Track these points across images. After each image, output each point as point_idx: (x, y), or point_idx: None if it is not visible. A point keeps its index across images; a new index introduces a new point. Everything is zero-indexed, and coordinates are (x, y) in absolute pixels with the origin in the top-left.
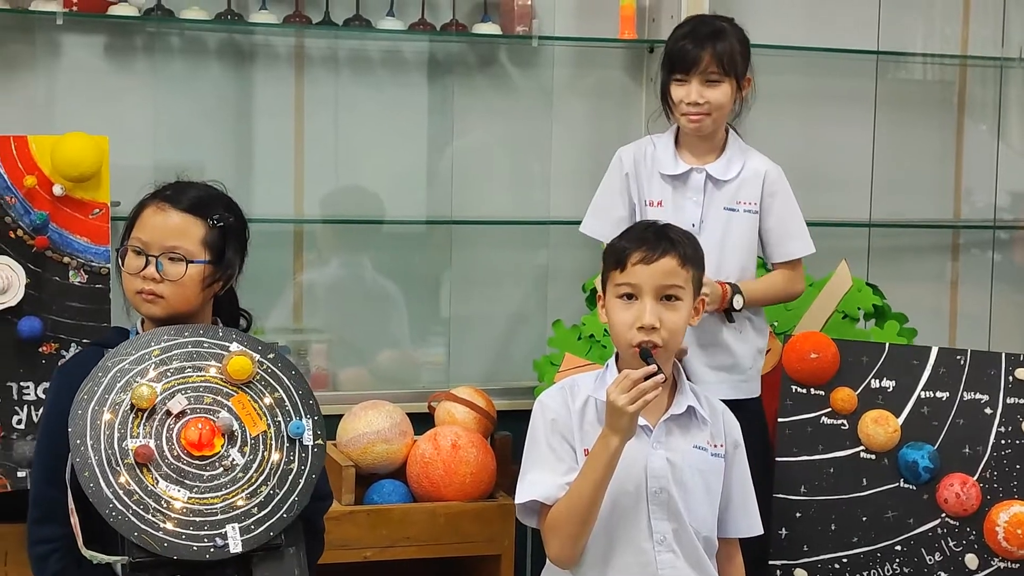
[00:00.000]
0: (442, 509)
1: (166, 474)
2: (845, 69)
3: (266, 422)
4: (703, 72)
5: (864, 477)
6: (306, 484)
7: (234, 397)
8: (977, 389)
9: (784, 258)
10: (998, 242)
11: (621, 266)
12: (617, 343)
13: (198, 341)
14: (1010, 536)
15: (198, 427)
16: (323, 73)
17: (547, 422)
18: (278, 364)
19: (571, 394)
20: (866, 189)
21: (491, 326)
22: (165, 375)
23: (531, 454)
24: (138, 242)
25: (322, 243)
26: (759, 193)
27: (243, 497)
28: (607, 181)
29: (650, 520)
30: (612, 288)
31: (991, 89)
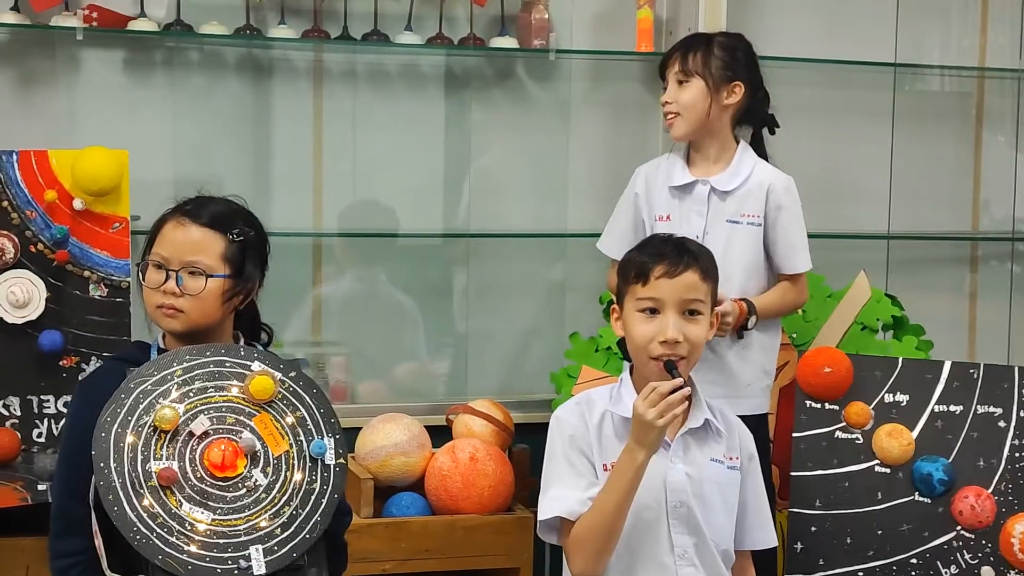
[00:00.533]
0: (460, 522)
1: (189, 496)
2: (863, 81)
3: (288, 442)
4: (674, 73)
5: (879, 491)
6: (328, 504)
7: (256, 417)
8: (991, 402)
9: (792, 271)
10: (1017, 254)
11: (644, 280)
12: (637, 357)
13: (220, 360)
14: None
15: (221, 448)
16: (341, 87)
17: (565, 438)
18: (300, 383)
19: (588, 409)
20: (884, 201)
21: (508, 339)
22: (188, 396)
23: (551, 470)
24: (158, 257)
25: (340, 256)
26: (763, 206)
27: (266, 518)
28: (622, 199)
29: (671, 534)
30: (633, 302)
31: (1009, 100)
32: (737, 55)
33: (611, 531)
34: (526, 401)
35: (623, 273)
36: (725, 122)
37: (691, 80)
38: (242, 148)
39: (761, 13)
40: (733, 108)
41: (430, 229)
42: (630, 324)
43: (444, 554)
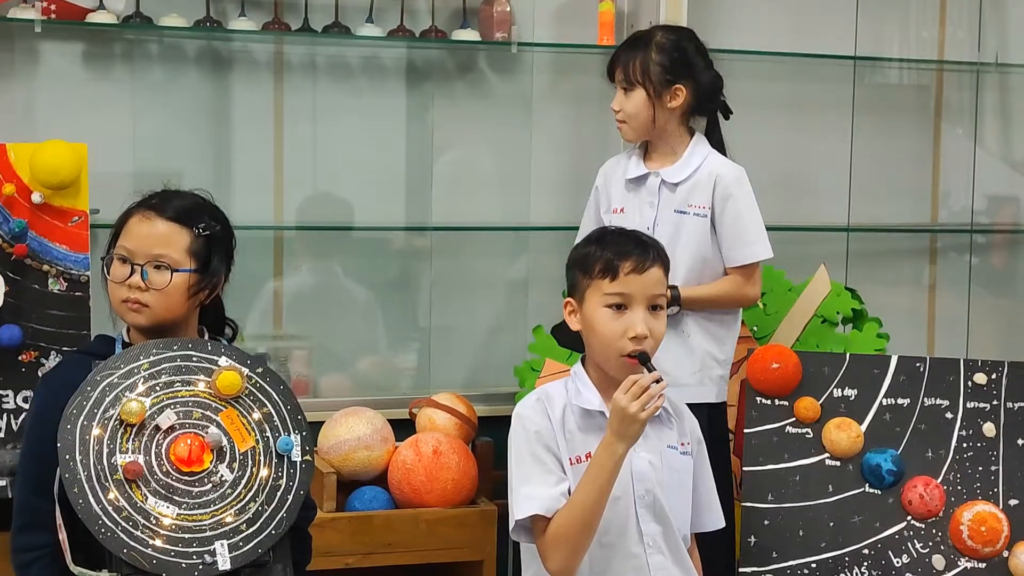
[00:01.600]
0: (424, 515)
1: (155, 490)
2: (824, 74)
3: (255, 437)
4: (618, 81)
5: (830, 483)
6: (294, 501)
7: (223, 412)
8: (937, 395)
9: (735, 263)
10: (975, 246)
11: (612, 275)
12: (603, 352)
13: (187, 355)
14: (975, 534)
15: (187, 443)
16: (302, 80)
17: (530, 434)
18: (267, 379)
19: (548, 404)
20: (844, 194)
21: (472, 332)
22: (154, 389)
23: (519, 469)
24: (123, 250)
25: (302, 250)
26: (710, 196)
27: (232, 513)
28: (591, 196)
29: (639, 523)
30: (599, 297)
31: (967, 93)
32: (676, 56)
33: (590, 525)
34: (489, 394)
35: (583, 267)
36: (674, 121)
37: (634, 89)
38: (202, 141)
39: (722, 6)
40: (679, 109)
41: (392, 222)
42: (595, 319)
43: (408, 548)
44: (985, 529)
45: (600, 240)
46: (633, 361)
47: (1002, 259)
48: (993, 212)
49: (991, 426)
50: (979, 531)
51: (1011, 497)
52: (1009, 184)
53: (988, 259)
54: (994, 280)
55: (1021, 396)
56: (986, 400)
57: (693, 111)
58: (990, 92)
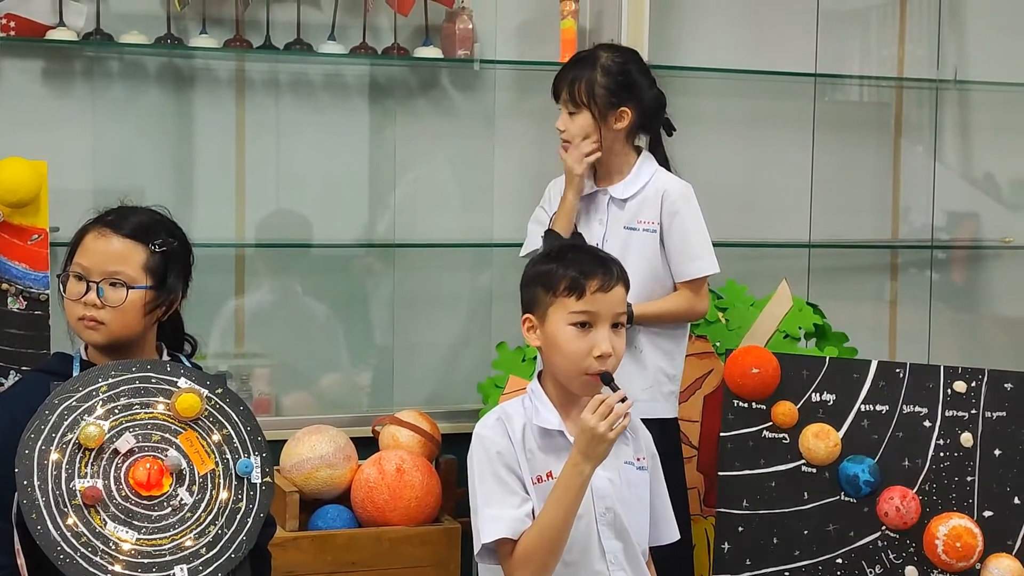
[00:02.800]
0: (387, 534)
1: (114, 515)
2: (784, 91)
3: (214, 460)
4: (563, 102)
5: (805, 491)
6: (254, 524)
7: (182, 434)
8: (916, 402)
9: (683, 278)
10: (935, 262)
11: (579, 293)
12: (567, 370)
13: (146, 376)
14: (949, 549)
15: (146, 467)
16: (264, 97)
17: (491, 455)
18: (226, 400)
19: (508, 423)
20: (805, 210)
21: (435, 349)
22: (113, 412)
23: (482, 490)
24: (79, 268)
25: (264, 267)
26: (658, 212)
27: (191, 537)
28: (536, 212)
29: (600, 541)
30: (564, 315)
31: (927, 110)
32: (620, 79)
33: (558, 545)
34: (453, 411)
35: (545, 284)
36: (619, 141)
37: (580, 111)
38: (163, 158)
39: (683, 24)
40: (624, 129)
41: (355, 239)
42: (559, 337)
43: (371, 566)
44: (960, 545)
45: (561, 257)
46: (595, 379)
47: (962, 274)
48: (953, 228)
49: (968, 436)
50: (954, 547)
51: (986, 509)
52: (968, 200)
53: (948, 274)
54: (954, 295)
55: (999, 406)
56: (964, 409)
57: (637, 130)
58: (949, 109)
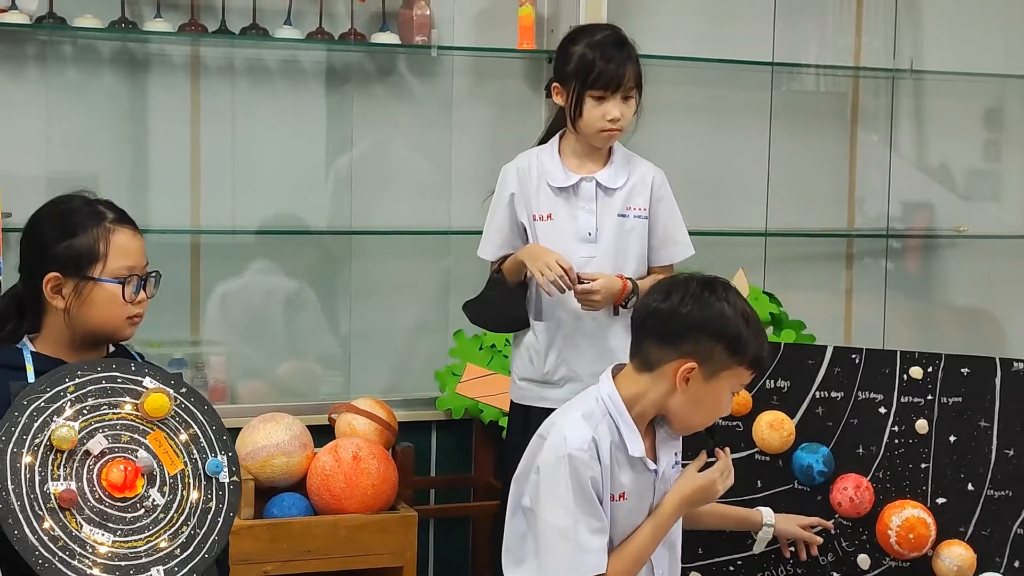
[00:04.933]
0: (343, 522)
1: (89, 517)
2: (741, 80)
3: (183, 460)
4: (624, 89)
5: (759, 479)
6: (225, 523)
7: (151, 435)
8: (871, 388)
9: (668, 261)
10: (891, 251)
11: (757, 367)
12: (701, 424)
13: (112, 376)
14: (902, 540)
15: (121, 468)
16: (219, 82)
17: (584, 481)
18: (191, 399)
19: (599, 447)
20: (762, 198)
21: (392, 337)
22: (82, 413)
23: (570, 513)
24: (126, 269)
25: (220, 254)
26: (648, 199)
27: (166, 539)
28: (495, 202)
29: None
30: (734, 384)
31: (883, 99)
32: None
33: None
34: (410, 399)
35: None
36: None
37: (636, 96)
38: (118, 144)
39: (641, 12)
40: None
41: (312, 226)
42: (723, 400)
43: (327, 554)
44: (913, 536)
45: (748, 321)
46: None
47: (917, 263)
48: (908, 218)
49: (924, 423)
50: (907, 538)
51: (939, 496)
52: (924, 190)
53: (903, 263)
54: (909, 284)
55: (956, 391)
56: (920, 395)
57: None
58: (905, 99)
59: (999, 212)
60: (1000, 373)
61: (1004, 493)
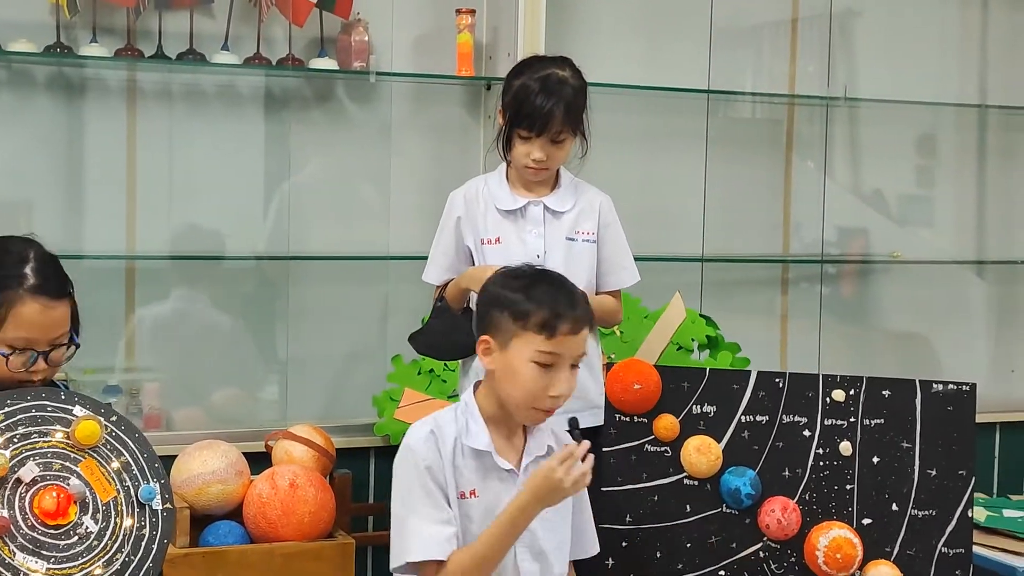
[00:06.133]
0: (280, 549)
1: (22, 545)
2: (678, 107)
3: (115, 487)
4: (551, 133)
5: (688, 503)
6: (159, 550)
7: (82, 463)
8: (796, 412)
9: (615, 286)
10: (825, 276)
11: (549, 333)
12: (519, 401)
13: (41, 405)
14: (830, 561)
15: (53, 495)
16: (156, 107)
17: (420, 470)
18: (121, 427)
19: (440, 438)
20: (699, 224)
21: (329, 362)
22: (12, 441)
23: (407, 504)
24: (22, 341)
25: (155, 279)
26: (596, 223)
27: (100, 566)
28: (441, 227)
29: (516, 562)
30: (529, 351)
31: (818, 126)
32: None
33: (488, 574)
34: (348, 425)
35: (514, 313)
36: None
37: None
38: (53, 169)
39: (578, 39)
40: None
41: (249, 251)
42: (520, 371)
43: None
44: (840, 556)
45: (533, 287)
46: (548, 415)
47: (852, 288)
48: (844, 243)
49: (848, 444)
50: (835, 558)
51: (864, 516)
52: (858, 216)
53: (838, 288)
54: (844, 309)
55: (878, 413)
56: (843, 417)
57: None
58: (839, 125)
59: (932, 238)
60: (920, 395)
61: (928, 513)
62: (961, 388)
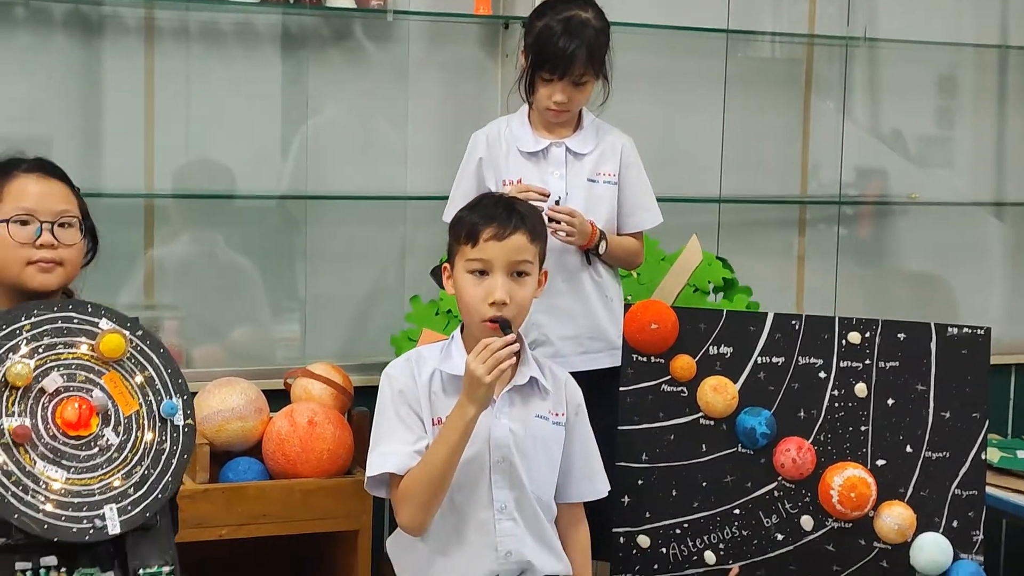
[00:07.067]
0: (298, 486)
1: (43, 454)
2: (696, 47)
3: (138, 401)
4: (572, 75)
5: (703, 443)
6: (179, 465)
7: (106, 375)
8: (811, 354)
9: (636, 228)
10: (843, 217)
11: (472, 241)
12: (468, 317)
13: (68, 316)
14: (844, 499)
15: (75, 406)
16: (173, 45)
17: (395, 393)
18: (147, 342)
19: (417, 366)
20: (716, 165)
21: (348, 302)
22: (37, 351)
23: (380, 426)
24: (21, 211)
25: (174, 218)
26: (618, 165)
27: (119, 478)
28: (463, 168)
29: (491, 489)
30: (462, 263)
31: (837, 67)
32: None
33: (439, 484)
34: (366, 364)
35: (454, 232)
36: None
37: (591, 81)
38: (70, 107)
39: None
40: None
41: (267, 191)
42: (460, 285)
43: (282, 518)
44: (855, 495)
45: (472, 206)
46: (494, 326)
47: (868, 230)
48: (861, 184)
49: (863, 386)
50: (849, 497)
51: (879, 458)
52: (877, 157)
53: (855, 230)
54: (861, 250)
55: (893, 355)
56: (859, 360)
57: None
58: (859, 66)
59: (951, 179)
60: (935, 338)
61: (941, 455)
62: (976, 332)
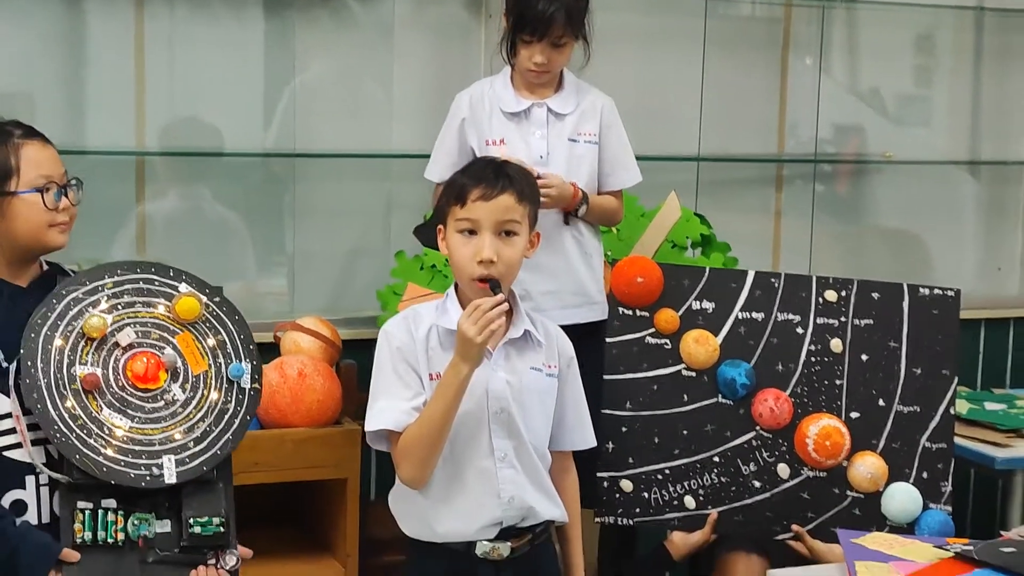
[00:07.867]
0: (289, 436)
1: (110, 402)
2: (676, 7)
3: (208, 362)
4: (552, 37)
5: (685, 393)
6: (240, 424)
7: (179, 335)
8: (789, 310)
9: (616, 187)
10: (819, 174)
11: (461, 202)
12: (458, 275)
13: (149, 279)
14: (819, 448)
15: (144, 360)
16: (162, 5)
17: (393, 350)
18: (223, 308)
19: (415, 322)
20: (695, 124)
21: (334, 257)
22: (116, 308)
23: (379, 382)
24: (43, 178)
25: (164, 175)
26: (598, 124)
27: (181, 431)
28: (445, 127)
29: (491, 439)
30: (453, 223)
31: (815, 27)
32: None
33: (436, 439)
34: (353, 318)
35: (446, 194)
36: None
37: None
38: (59, 66)
39: None
40: None
41: (255, 148)
42: (452, 244)
43: (274, 467)
44: (829, 444)
45: (464, 169)
46: (484, 285)
47: (845, 187)
48: (839, 142)
49: (838, 342)
50: (824, 445)
51: (852, 410)
52: (854, 115)
53: (832, 187)
54: (837, 208)
55: (867, 313)
56: (835, 316)
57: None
58: (837, 26)
59: (928, 137)
60: (908, 298)
61: (912, 409)
62: (946, 293)
